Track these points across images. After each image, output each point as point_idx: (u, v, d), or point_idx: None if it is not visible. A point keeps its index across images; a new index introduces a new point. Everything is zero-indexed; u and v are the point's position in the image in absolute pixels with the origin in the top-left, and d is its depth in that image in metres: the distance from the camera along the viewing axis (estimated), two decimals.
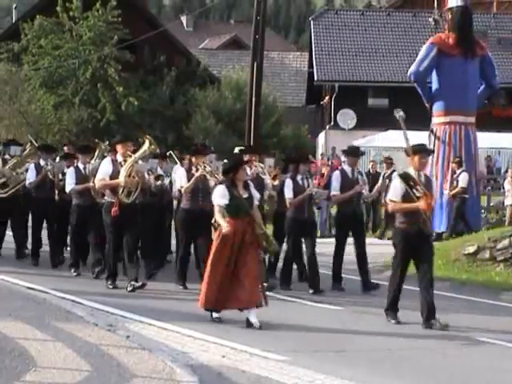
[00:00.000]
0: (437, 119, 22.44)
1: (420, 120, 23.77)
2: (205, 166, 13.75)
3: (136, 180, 13.14)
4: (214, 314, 11.09)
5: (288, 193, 14.11)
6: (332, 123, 41.50)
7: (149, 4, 54.38)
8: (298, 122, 42.89)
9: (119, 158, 13.31)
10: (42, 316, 10.64)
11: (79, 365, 8.45)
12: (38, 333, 9.71)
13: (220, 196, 11.16)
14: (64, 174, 15.62)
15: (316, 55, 42.29)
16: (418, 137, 29.82)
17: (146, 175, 13.98)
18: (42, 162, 15.92)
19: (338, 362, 9.45)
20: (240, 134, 32.61)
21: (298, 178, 14.18)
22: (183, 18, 77.55)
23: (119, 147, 13.39)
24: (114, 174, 13.15)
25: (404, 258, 11.49)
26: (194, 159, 13.91)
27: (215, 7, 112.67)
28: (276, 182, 14.90)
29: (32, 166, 15.88)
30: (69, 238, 15.61)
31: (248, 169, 14.10)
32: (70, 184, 14.77)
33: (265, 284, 12.24)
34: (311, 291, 13.82)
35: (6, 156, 17.07)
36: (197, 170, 13.70)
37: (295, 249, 14.34)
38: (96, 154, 15.36)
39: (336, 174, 14.67)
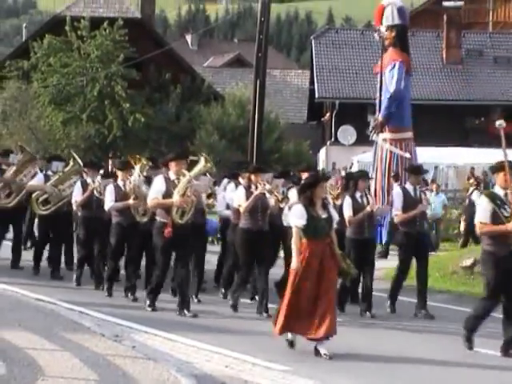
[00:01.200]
0: (397, 135, 21.88)
1: (418, 136, 23.88)
2: (264, 184, 12.92)
3: (191, 199, 12.17)
4: (289, 335, 10.35)
5: (347, 211, 13.17)
6: (333, 139, 41.53)
7: (155, 23, 54.40)
8: (300, 138, 42.86)
9: (172, 175, 12.29)
10: (50, 326, 10.64)
11: (86, 374, 8.46)
12: (46, 343, 9.71)
13: (297, 216, 10.22)
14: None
15: (317, 73, 42.34)
16: (420, 153, 29.84)
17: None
18: (88, 180, 15.01)
19: (340, 372, 9.42)
20: (243, 149, 32.62)
21: (357, 195, 13.28)
22: (188, 37, 77.70)
23: (173, 164, 12.29)
24: (168, 193, 12.15)
25: (496, 285, 10.28)
26: (253, 177, 13.03)
27: (219, 27, 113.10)
28: (338, 201, 14.08)
29: (78, 184, 15.01)
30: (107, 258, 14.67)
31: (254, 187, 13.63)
32: (109, 201, 13.81)
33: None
34: (368, 314, 13.00)
35: (49, 172, 16.19)
36: (256, 188, 12.87)
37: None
38: (137, 170, 14.10)
39: (398, 193, 13.71)
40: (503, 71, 42.13)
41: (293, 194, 13.45)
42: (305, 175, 13.96)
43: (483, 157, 31.25)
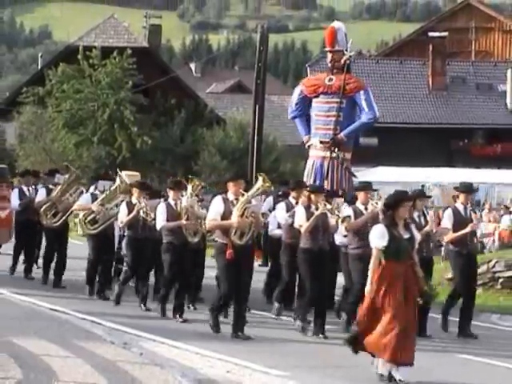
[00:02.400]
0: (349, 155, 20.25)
1: (407, 157, 23.99)
2: (325, 204, 12.12)
3: (250, 220, 11.34)
4: (398, 376, 9.14)
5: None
6: None
7: (161, 52, 54.56)
8: (296, 159, 42.88)
9: (230, 196, 11.50)
10: (63, 335, 10.63)
11: (97, 379, 8.45)
12: (60, 350, 9.70)
13: (378, 237, 9.30)
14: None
15: None
16: (408, 173, 29.89)
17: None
18: (133, 200, 13.82)
19: (336, 377, 9.41)
20: (244, 169, 32.65)
21: (415, 214, 12.11)
22: (192, 65, 77.87)
23: (231, 185, 11.53)
24: (226, 214, 11.38)
25: None
26: (312, 197, 12.19)
27: (221, 55, 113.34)
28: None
29: (123, 205, 13.86)
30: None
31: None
32: (161, 221, 12.82)
33: None
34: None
35: (96, 191, 15.19)
36: (316, 208, 12.04)
37: None
38: (189, 190, 13.06)
39: (448, 212, 12.80)
40: (485, 97, 42.22)
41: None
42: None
43: (466, 176, 31.32)
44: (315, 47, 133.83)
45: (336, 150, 18.99)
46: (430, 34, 44.07)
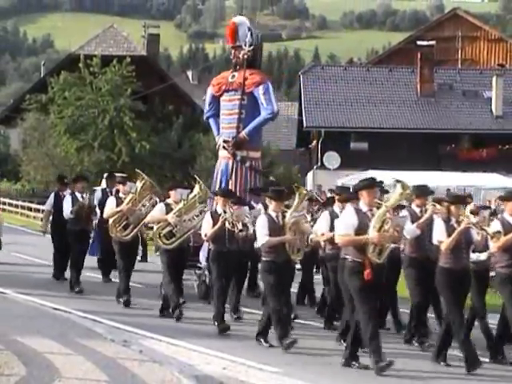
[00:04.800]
0: (257, 154, 18.90)
1: (396, 161, 24.02)
2: (468, 217, 10.26)
3: (389, 235, 9.61)
4: None
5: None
6: (319, 164, 41.55)
7: (159, 61, 54.54)
8: (290, 163, 42.98)
9: (363, 207, 9.69)
10: (65, 333, 10.62)
11: (98, 376, 8.46)
12: (62, 348, 9.70)
13: None
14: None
15: (305, 105, 42.41)
16: (398, 176, 29.97)
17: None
18: (218, 209, 12.03)
19: (326, 373, 9.43)
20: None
21: (452, 221, 10.18)
22: (189, 73, 77.93)
23: (364, 194, 9.66)
24: (361, 228, 9.57)
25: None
26: (453, 209, 10.18)
27: (217, 63, 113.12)
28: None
29: (207, 215, 12.02)
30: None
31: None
32: (263, 235, 10.66)
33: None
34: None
35: (169, 200, 12.92)
36: (458, 222, 10.06)
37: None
38: (296, 200, 11.02)
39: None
40: (471, 103, 42.25)
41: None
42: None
43: (454, 179, 31.38)
44: (308, 55, 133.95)
45: (238, 149, 17.77)
46: (419, 42, 44.10)
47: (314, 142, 43.58)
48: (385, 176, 29.76)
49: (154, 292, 14.09)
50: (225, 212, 11.75)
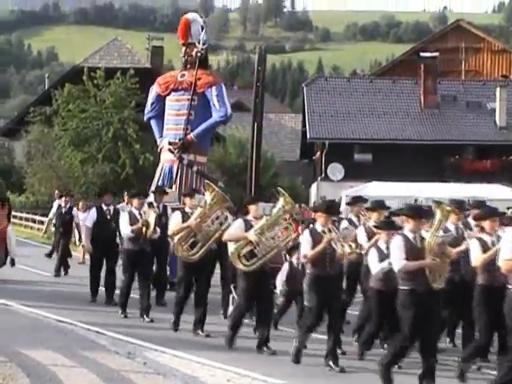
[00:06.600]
0: (204, 158, 18.20)
1: (400, 173, 24.01)
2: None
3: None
4: None
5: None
6: (323, 175, 41.57)
7: (163, 72, 54.68)
8: (293, 175, 43.02)
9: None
10: (69, 345, 10.61)
11: None
12: (65, 360, 9.68)
13: None
14: None
15: (308, 116, 42.46)
16: (402, 187, 29.86)
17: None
18: (318, 227, 10.41)
19: None
20: (243, 185, 32.68)
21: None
22: None
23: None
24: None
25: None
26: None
27: (220, 75, 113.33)
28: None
29: (306, 234, 10.50)
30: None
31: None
32: (401, 259, 9.12)
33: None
34: None
35: (249, 217, 11.33)
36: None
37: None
38: (438, 218, 9.54)
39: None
40: (475, 115, 42.28)
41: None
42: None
43: (458, 191, 31.34)
44: (311, 67, 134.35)
45: (184, 152, 16.96)
46: (422, 54, 44.19)
47: (318, 153, 43.59)
48: (388, 187, 29.80)
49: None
50: (330, 231, 10.30)
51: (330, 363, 10.05)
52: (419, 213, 9.37)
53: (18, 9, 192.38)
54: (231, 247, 11.11)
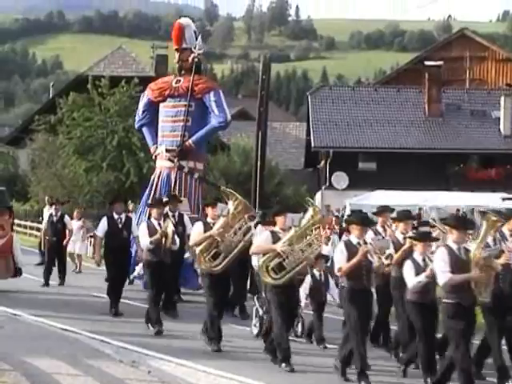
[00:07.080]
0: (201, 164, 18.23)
1: (404, 181, 23.99)
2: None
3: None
4: None
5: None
6: (327, 184, 41.56)
7: None
8: (298, 183, 42.99)
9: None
10: (74, 354, 10.61)
11: None
12: (70, 368, 9.68)
13: None
14: None
15: (313, 125, 42.49)
16: (406, 196, 29.82)
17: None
18: (353, 239, 10.07)
19: None
20: (247, 193, 32.68)
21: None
22: None
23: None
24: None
25: None
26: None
27: (225, 84, 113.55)
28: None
29: (342, 245, 10.15)
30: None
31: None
32: (447, 273, 8.82)
33: None
34: None
35: (276, 228, 10.89)
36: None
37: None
38: (484, 229, 9.09)
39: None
40: (479, 123, 42.27)
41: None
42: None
43: (462, 199, 31.30)
44: (315, 76, 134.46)
45: (183, 159, 16.69)
46: (426, 62, 44.20)
47: (323, 162, 43.59)
48: (393, 196, 29.77)
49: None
50: (365, 242, 10.03)
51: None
52: (464, 224, 9.10)
53: (23, 17, 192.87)
54: (255, 260, 10.76)
